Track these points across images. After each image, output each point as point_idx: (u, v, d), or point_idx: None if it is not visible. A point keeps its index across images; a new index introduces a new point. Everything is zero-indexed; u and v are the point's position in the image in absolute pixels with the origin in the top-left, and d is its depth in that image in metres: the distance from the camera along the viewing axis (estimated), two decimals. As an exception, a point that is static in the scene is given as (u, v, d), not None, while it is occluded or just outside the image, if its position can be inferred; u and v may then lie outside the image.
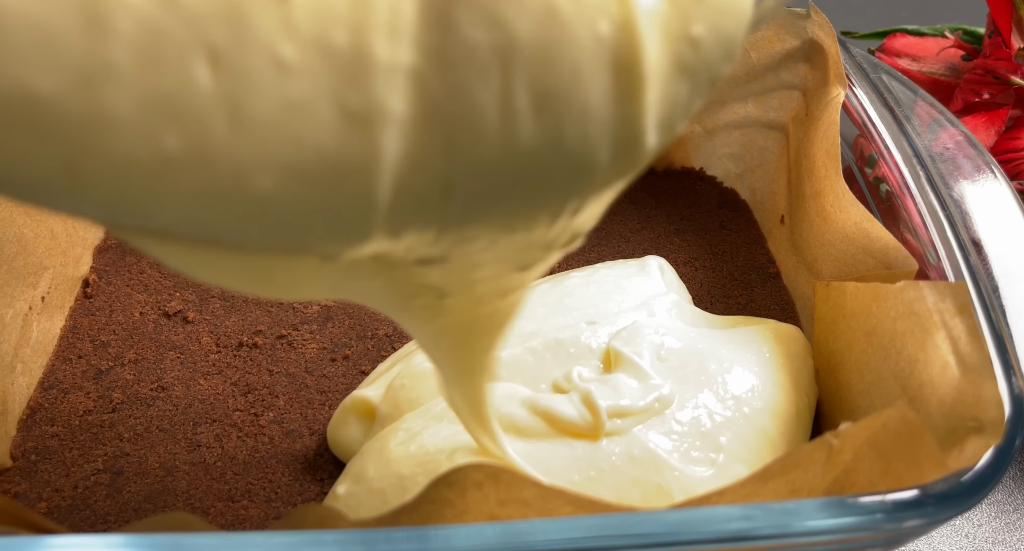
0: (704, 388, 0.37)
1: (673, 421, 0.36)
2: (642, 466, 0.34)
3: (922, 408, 0.30)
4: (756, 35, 0.49)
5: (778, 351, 0.40)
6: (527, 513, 0.25)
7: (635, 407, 0.35)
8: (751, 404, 0.37)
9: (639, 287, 0.43)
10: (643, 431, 0.35)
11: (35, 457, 0.40)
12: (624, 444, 0.34)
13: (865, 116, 0.43)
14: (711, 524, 0.24)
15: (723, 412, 0.36)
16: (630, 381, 0.36)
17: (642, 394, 0.36)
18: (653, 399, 0.36)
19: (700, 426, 0.36)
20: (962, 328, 0.30)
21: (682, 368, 0.38)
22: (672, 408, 0.36)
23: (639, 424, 0.35)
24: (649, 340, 0.38)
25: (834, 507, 0.25)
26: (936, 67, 0.61)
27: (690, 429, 0.35)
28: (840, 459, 0.28)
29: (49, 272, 0.46)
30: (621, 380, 0.36)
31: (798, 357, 0.40)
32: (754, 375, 0.38)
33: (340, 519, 0.24)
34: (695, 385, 0.37)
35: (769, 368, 0.39)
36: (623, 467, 0.34)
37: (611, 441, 0.34)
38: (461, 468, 0.24)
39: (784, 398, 0.38)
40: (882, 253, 0.38)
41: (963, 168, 0.40)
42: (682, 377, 0.37)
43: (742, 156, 0.54)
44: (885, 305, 0.34)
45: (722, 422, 0.36)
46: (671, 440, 0.35)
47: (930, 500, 0.25)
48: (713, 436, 0.35)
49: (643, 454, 0.34)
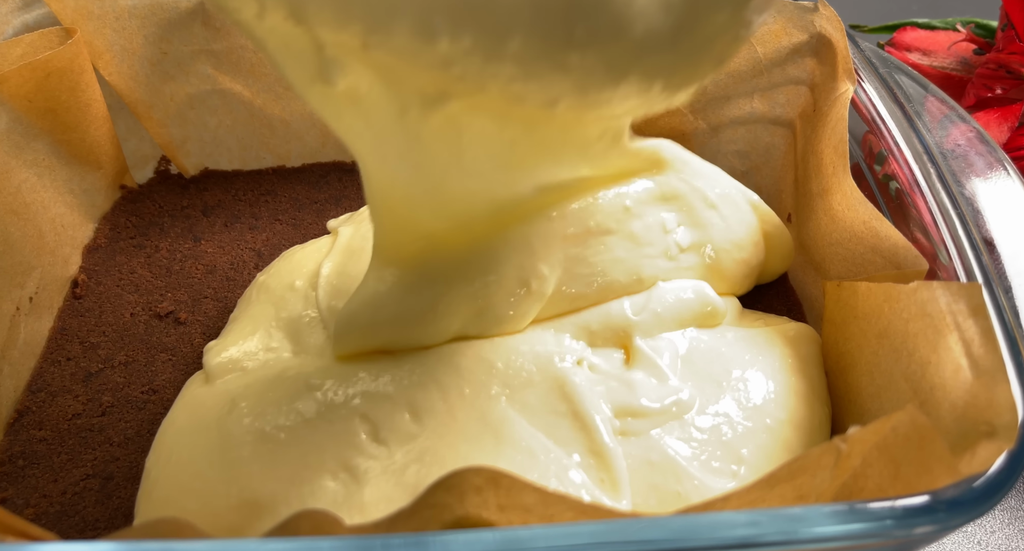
0: (725, 394, 0.37)
1: (693, 428, 0.35)
2: (660, 472, 0.34)
3: (933, 412, 0.30)
4: (763, 29, 0.49)
5: (798, 356, 0.40)
6: (527, 519, 0.25)
7: (651, 409, 0.35)
8: (774, 415, 0.37)
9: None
10: (661, 435, 0.35)
11: (22, 462, 0.40)
12: (641, 447, 0.34)
13: (874, 112, 0.43)
14: (716, 530, 0.24)
15: (744, 422, 0.36)
16: (649, 380, 0.36)
17: (660, 395, 0.36)
18: (671, 402, 0.36)
19: (721, 435, 0.35)
20: (976, 330, 0.30)
21: (704, 370, 0.38)
22: (691, 413, 0.36)
23: (655, 427, 0.35)
24: (669, 339, 0.39)
25: (843, 513, 0.25)
26: (947, 61, 0.61)
27: (711, 438, 0.35)
28: (849, 464, 0.28)
29: (37, 272, 0.46)
30: (639, 378, 0.37)
31: (815, 362, 0.41)
32: (777, 384, 0.38)
33: (336, 525, 0.24)
34: (716, 390, 0.37)
35: (792, 376, 0.39)
36: (639, 471, 0.34)
37: (627, 442, 0.34)
38: (460, 472, 0.24)
39: (807, 410, 0.38)
40: (891, 252, 0.38)
41: (975, 165, 0.40)
42: (703, 380, 0.37)
43: (748, 153, 0.54)
44: (898, 306, 0.34)
45: (744, 433, 0.36)
46: (691, 447, 0.35)
47: (941, 506, 0.25)
48: (734, 447, 0.35)
49: (662, 460, 0.34)
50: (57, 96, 0.47)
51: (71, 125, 0.48)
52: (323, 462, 0.33)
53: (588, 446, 0.34)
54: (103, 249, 0.51)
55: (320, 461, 0.33)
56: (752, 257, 0.45)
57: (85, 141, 0.50)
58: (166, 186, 0.56)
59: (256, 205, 0.55)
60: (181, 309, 0.47)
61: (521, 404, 0.35)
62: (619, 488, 0.33)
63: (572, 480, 0.33)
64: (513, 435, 0.34)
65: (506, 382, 0.36)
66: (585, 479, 0.33)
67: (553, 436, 0.34)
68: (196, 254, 0.51)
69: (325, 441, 0.34)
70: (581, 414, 0.35)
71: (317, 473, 0.33)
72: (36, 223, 0.46)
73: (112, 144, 0.52)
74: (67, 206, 0.49)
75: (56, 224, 0.48)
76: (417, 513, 0.24)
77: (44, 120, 0.47)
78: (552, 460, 0.33)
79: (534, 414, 0.35)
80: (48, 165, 0.48)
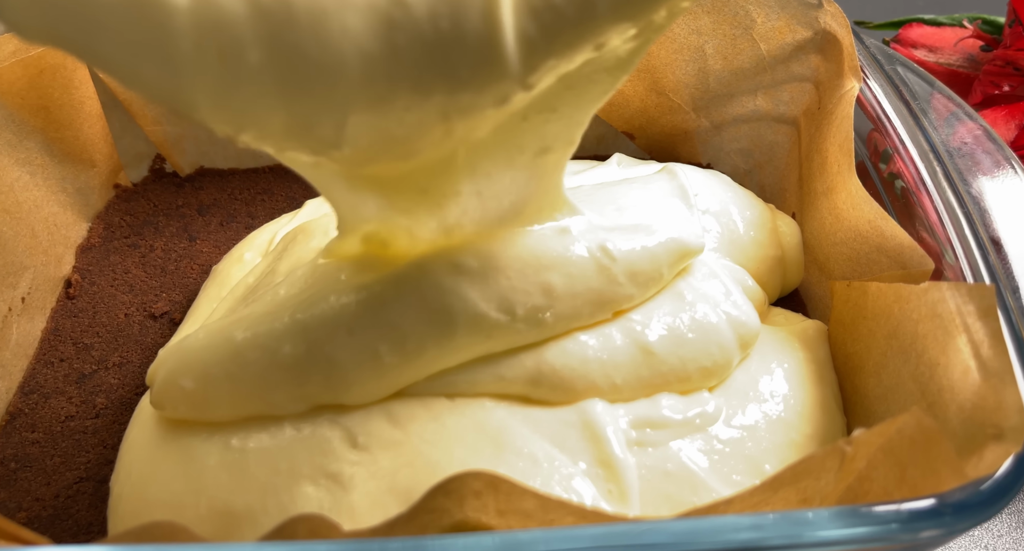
0: (749, 404, 0.37)
1: (715, 439, 0.35)
2: (676, 482, 0.33)
3: (941, 414, 0.30)
4: (766, 25, 0.49)
5: (817, 361, 0.40)
6: (527, 524, 0.25)
7: (673, 420, 0.35)
8: (801, 430, 0.36)
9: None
10: (680, 446, 0.34)
11: (14, 465, 0.40)
12: (657, 457, 0.34)
13: (880, 110, 0.43)
14: (719, 534, 0.24)
15: (770, 436, 0.36)
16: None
17: (684, 406, 0.35)
18: (695, 414, 0.35)
19: (743, 448, 0.35)
20: (985, 332, 0.30)
21: (730, 382, 0.37)
22: (716, 425, 0.35)
23: (676, 438, 0.35)
24: None
25: (847, 516, 0.25)
26: (954, 58, 0.61)
27: (732, 450, 0.35)
28: (853, 467, 0.28)
29: (30, 272, 0.46)
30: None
31: (830, 365, 0.40)
32: (804, 395, 0.38)
33: (333, 529, 0.24)
34: (741, 401, 0.37)
35: (815, 387, 0.38)
36: (654, 480, 0.33)
37: (643, 452, 0.34)
38: (459, 476, 0.24)
39: (831, 423, 0.37)
40: (897, 252, 0.38)
41: (982, 163, 0.40)
42: (728, 388, 0.37)
43: (751, 151, 0.54)
44: (908, 307, 0.34)
45: (769, 448, 0.35)
46: (711, 459, 0.34)
47: (947, 509, 0.25)
48: (758, 461, 0.34)
49: (678, 470, 0.33)
50: (50, 93, 0.47)
51: (64, 123, 0.48)
52: (298, 468, 0.33)
53: (597, 456, 0.33)
54: (97, 248, 0.51)
55: (293, 467, 0.33)
56: (769, 244, 0.45)
57: (78, 139, 0.50)
58: (161, 185, 0.56)
59: (252, 204, 0.55)
60: (176, 309, 0.47)
61: (524, 412, 0.35)
62: (627, 499, 0.32)
63: (576, 488, 0.32)
64: (515, 442, 0.33)
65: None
66: (591, 488, 0.32)
67: (559, 444, 0.34)
68: (191, 254, 0.51)
69: (295, 448, 0.33)
70: (591, 424, 0.34)
71: (294, 480, 0.32)
72: (28, 222, 0.46)
73: (106, 142, 0.52)
74: (60, 205, 0.49)
75: (49, 223, 0.48)
76: (416, 518, 0.24)
77: (37, 118, 0.47)
78: (556, 468, 0.33)
79: (540, 422, 0.34)
80: (41, 163, 0.48)
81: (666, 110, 0.53)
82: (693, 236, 0.39)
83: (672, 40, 0.51)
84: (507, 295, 0.34)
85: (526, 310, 0.34)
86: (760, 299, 0.43)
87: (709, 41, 0.51)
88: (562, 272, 0.35)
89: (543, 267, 0.35)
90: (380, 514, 0.31)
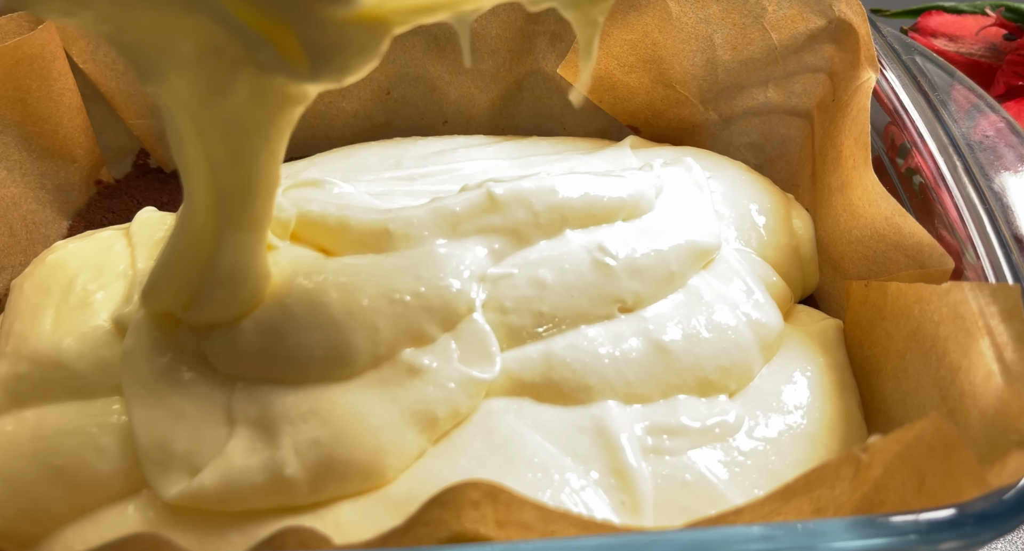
0: (772, 415, 0.36)
1: (736, 451, 0.35)
2: (693, 494, 0.33)
3: (962, 420, 0.30)
4: (777, 14, 0.49)
5: (837, 366, 0.40)
6: (528, 536, 0.25)
7: (691, 428, 0.35)
8: (827, 444, 0.36)
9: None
10: (699, 456, 0.34)
11: None
12: (674, 466, 0.34)
13: (897, 102, 0.43)
14: (729, 545, 0.24)
15: (794, 451, 0.35)
16: (693, 396, 0.36)
17: (703, 414, 0.35)
18: (715, 423, 0.35)
19: (767, 462, 0.35)
20: (1009, 334, 0.30)
21: (753, 391, 0.37)
22: (736, 436, 0.35)
23: (694, 447, 0.34)
24: None
25: (863, 527, 0.25)
26: (975, 48, 0.61)
27: (754, 463, 0.35)
28: (869, 475, 0.28)
29: (7, 272, 0.46)
30: (683, 396, 0.36)
31: (848, 369, 0.40)
32: (829, 404, 0.37)
33: (324, 542, 0.24)
34: (763, 409, 0.37)
35: (839, 396, 0.38)
36: (670, 491, 0.33)
37: (659, 460, 0.34)
38: (456, 487, 0.24)
39: (857, 435, 0.37)
40: (915, 251, 0.38)
41: (1004, 158, 0.40)
42: (749, 396, 0.37)
43: (762, 145, 0.54)
44: (929, 308, 0.34)
45: (792, 463, 0.35)
46: (730, 471, 0.34)
47: (968, 520, 0.25)
48: (781, 477, 0.34)
49: (696, 481, 0.33)
50: (27, 85, 0.47)
51: (43, 116, 0.48)
52: None
53: (610, 464, 0.33)
54: (77, 248, 0.51)
55: None
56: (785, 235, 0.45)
57: (58, 133, 0.50)
58: (145, 181, 0.56)
59: (240, 201, 0.54)
60: (160, 312, 0.47)
61: (535, 416, 0.35)
62: (641, 511, 0.32)
63: (587, 501, 0.32)
64: (524, 451, 0.33)
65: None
66: (603, 499, 0.32)
67: (571, 452, 0.33)
68: (176, 253, 0.51)
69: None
70: (605, 430, 0.34)
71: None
72: (6, 220, 0.46)
73: (87, 136, 0.52)
74: (39, 202, 0.49)
75: (27, 221, 0.48)
76: (411, 530, 0.24)
77: (13, 111, 0.47)
78: (567, 480, 0.32)
79: (551, 427, 0.34)
80: (18, 159, 0.48)
81: (673, 103, 0.53)
82: (709, 235, 0.40)
83: (679, 29, 0.51)
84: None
85: (515, 302, 0.37)
86: (785, 296, 0.43)
87: (718, 30, 0.51)
88: (552, 268, 0.37)
89: (531, 263, 0.38)
90: (372, 527, 0.31)
